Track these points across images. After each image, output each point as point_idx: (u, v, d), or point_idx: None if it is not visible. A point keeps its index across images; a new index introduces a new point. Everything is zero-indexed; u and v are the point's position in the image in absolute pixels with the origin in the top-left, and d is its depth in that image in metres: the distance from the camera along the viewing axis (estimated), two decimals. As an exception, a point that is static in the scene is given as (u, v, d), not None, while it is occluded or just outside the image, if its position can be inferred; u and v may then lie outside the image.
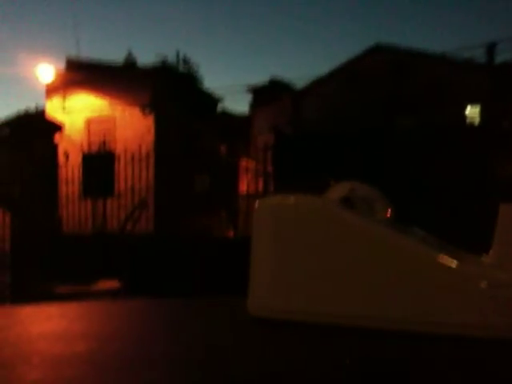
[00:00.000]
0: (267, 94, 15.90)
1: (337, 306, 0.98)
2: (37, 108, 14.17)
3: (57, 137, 8.72)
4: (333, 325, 0.97)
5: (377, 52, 13.76)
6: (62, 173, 9.97)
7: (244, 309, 1.06)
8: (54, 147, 8.40)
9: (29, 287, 6.55)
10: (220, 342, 0.93)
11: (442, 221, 5.41)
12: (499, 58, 12.81)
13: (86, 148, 13.12)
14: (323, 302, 1.00)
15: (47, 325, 1.06)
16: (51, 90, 13.70)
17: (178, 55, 14.58)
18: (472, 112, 12.57)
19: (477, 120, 12.28)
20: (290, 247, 1.07)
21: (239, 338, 0.97)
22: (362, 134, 8.08)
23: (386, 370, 0.78)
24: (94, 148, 13.09)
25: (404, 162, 7.64)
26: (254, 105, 17.01)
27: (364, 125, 9.59)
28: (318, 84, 14.37)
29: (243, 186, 10.67)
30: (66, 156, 9.81)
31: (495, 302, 0.90)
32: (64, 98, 13.58)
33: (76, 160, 10.92)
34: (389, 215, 1.10)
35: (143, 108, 13.09)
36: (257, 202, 1.10)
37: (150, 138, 13.06)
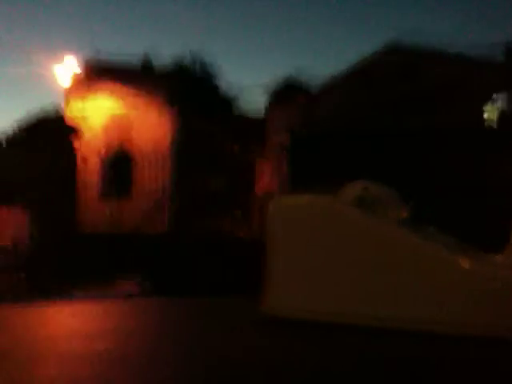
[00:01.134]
0: (282, 95, 15.87)
1: (349, 305, 0.99)
2: (55, 110, 14.32)
3: (75, 139, 8.81)
4: (345, 324, 0.98)
5: (391, 52, 13.67)
6: (80, 174, 10.06)
7: (258, 308, 1.07)
8: (72, 149, 8.49)
9: (47, 287, 6.62)
10: (233, 342, 0.94)
11: (457, 221, 5.35)
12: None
13: (103, 150, 13.23)
14: (336, 302, 1.00)
15: (65, 323, 1.08)
16: (69, 93, 13.83)
17: (194, 56, 14.63)
18: (488, 111, 12.44)
19: (493, 120, 12.15)
20: (303, 247, 1.07)
21: (251, 337, 0.98)
22: (377, 135, 8.03)
23: (402, 368, 0.78)
24: (112, 150, 13.19)
25: (419, 162, 7.56)
26: (270, 105, 16.99)
27: (379, 125, 9.52)
28: (333, 84, 14.32)
29: (258, 187, 10.66)
30: (84, 158, 9.90)
31: (509, 302, 0.90)
32: (82, 99, 13.71)
33: (93, 162, 11.01)
34: (404, 215, 1.10)
35: (160, 109, 13.16)
36: (270, 202, 1.11)
37: (166, 139, 13.12)
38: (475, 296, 0.84)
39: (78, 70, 14.01)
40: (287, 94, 15.68)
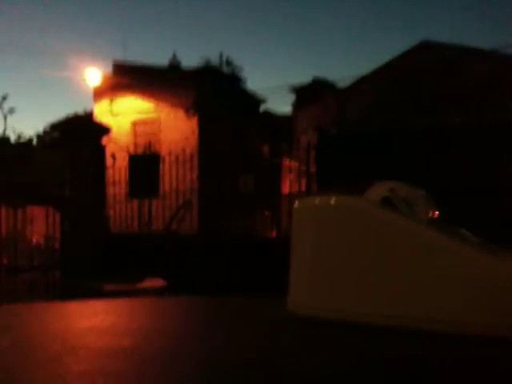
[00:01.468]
0: (310, 94, 15.84)
1: (375, 305, 0.98)
2: (85, 111, 14.58)
3: (104, 139, 8.97)
4: (371, 324, 0.97)
5: (425, 49, 13.45)
6: (110, 174, 10.22)
7: (282, 308, 1.08)
8: (102, 149, 8.64)
9: (78, 284, 6.76)
10: (257, 342, 0.94)
11: (491, 223, 5.25)
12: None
13: (132, 149, 13.43)
14: (362, 302, 1.00)
15: (94, 320, 1.10)
16: (99, 94, 14.07)
17: (221, 57, 14.71)
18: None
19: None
20: (329, 247, 1.07)
21: (276, 338, 0.98)
22: (407, 134, 7.92)
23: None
24: (140, 149, 13.37)
25: (452, 162, 7.41)
26: (297, 105, 16.97)
27: (410, 124, 9.39)
28: (363, 83, 14.18)
29: (286, 186, 10.65)
30: (113, 157, 10.05)
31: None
32: (111, 100, 13.93)
33: (123, 161, 11.18)
34: (433, 216, 1.09)
35: (187, 110, 13.28)
36: (296, 202, 1.12)
37: (194, 139, 13.24)
38: (504, 297, 0.83)
39: (107, 71, 14.24)
40: (315, 93, 15.63)
